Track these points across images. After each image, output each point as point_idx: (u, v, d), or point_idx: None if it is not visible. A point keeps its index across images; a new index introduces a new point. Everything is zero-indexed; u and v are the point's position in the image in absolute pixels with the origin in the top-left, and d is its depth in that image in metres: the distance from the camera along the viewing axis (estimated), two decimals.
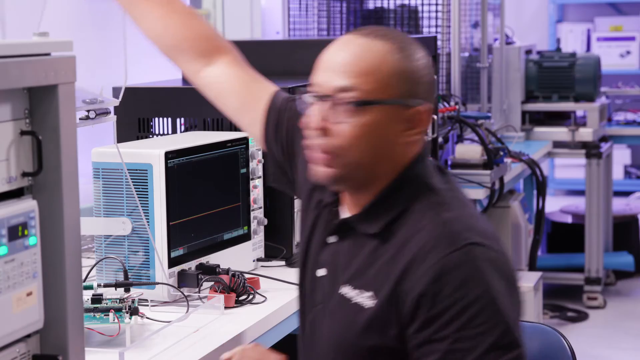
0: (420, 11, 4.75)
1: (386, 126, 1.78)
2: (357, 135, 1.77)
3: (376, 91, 1.77)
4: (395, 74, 1.78)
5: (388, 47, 1.78)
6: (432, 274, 1.69)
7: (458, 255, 1.70)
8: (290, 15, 4.77)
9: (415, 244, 1.73)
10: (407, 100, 1.78)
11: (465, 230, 1.73)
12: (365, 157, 1.78)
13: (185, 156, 2.38)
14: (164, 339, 2.10)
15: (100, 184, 2.34)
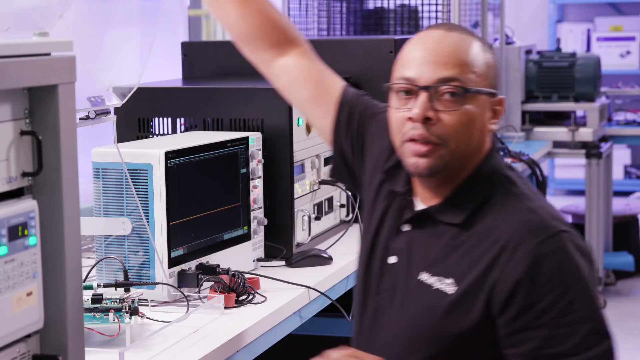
0: (420, 11, 4.75)
1: (481, 115, 1.88)
2: (459, 123, 1.85)
3: (475, 81, 1.86)
4: (489, 65, 1.89)
5: (477, 42, 1.90)
6: (528, 262, 1.75)
7: (552, 242, 1.76)
8: (290, 15, 4.77)
9: (502, 232, 1.80)
10: (494, 90, 1.89)
11: (552, 218, 1.81)
12: (464, 145, 1.86)
13: (185, 156, 2.38)
14: (164, 339, 2.09)
15: (100, 184, 2.34)
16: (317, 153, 2.98)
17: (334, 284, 2.69)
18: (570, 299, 1.74)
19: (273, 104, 2.76)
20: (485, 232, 1.81)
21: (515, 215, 1.81)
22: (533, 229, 1.78)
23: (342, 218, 3.15)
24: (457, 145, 1.85)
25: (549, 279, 1.75)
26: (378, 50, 3.22)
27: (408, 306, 1.87)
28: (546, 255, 1.76)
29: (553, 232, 1.78)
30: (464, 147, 1.86)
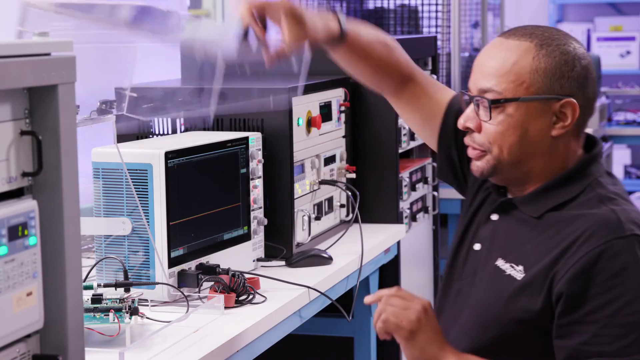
0: (420, 11, 4.75)
1: (528, 122, 1.92)
2: (499, 132, 1.93)
3: (510, 90, 1.92)
4: (531, 71, 1.91)
5: (525, 46, 1.93)
6: (593, 257, 1.80)
7: (621, 243, 1.80)
8: None
9: (577, 227, 1.85)
10: (544, 96, 1.91)
11: (630, 222, 1.83)
12: (512, 152, 1.94)
13: (185, 156, 2.38)
14: (164, 339, 2.09)
15: (100, 184, 2.34)
16: (317, 153, 2.98)
17: (334, 284, 2.69)
18: (627, 301, 1.78)
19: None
20: (562, 226, 1.88)
21: (594, 214, 1.86)
22: (606, 226, 1.83)
23: (342, 218, 3.15)
24: (501, 152, 1.94)
25: (610, 278, 1.79)
26: None
27: (481, 289, 1.96)
28: (612, 254, 1.80)
29: (626, 233, 1.81)
30: (510, 153, 1.94)
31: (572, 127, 1.94)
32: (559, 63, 1.92)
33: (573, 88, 1.92)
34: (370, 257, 2.94)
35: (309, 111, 2.91)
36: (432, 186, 3.71)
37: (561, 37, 1.95)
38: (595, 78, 1.97)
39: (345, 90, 3.16)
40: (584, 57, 1.94)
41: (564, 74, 1.92)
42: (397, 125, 3.26)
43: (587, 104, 1.95)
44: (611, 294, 1.79)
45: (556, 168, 1.96)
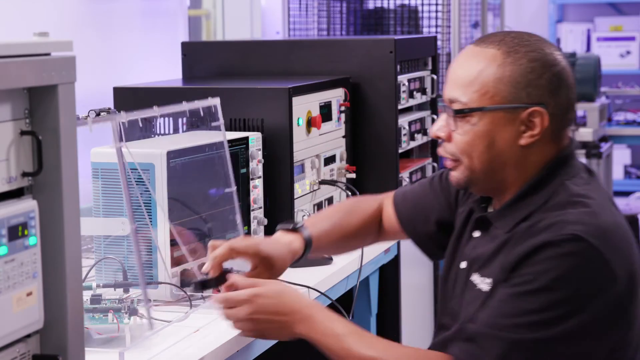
0: (420, 11, 4.75)
1: (494, 132, 1.89)
2: (466, 142, 1.91)
3: (475, 100, 1.89)
4: (495, 80, 1.88)
5: (492, 54, 1.90)
6: (529, 248, 1.79)
7: (556, 239, 1.78)
8: (290, 15, 4.77)
9: (534, 227, 1.83)
10: (509, 105, 1.88)
11: (577, 223, 1.80)
12: (482, 162, 1.91)
13: (186, 156, 2.37)
14: (164, 339, 2.09)
15: (100, 184, 2.33)
16: (317, 153, 2.98)
17: (334, 284, 2.69)
18: (534, 289, 1.77)
19: (273, 104, 2.76)
20: (523, 235, 1.85)
21: (550, 218, 1.83)
22: (551, 227, 1.81)
23: None
24: (472, 162, 1.92)
25: (533, 265, 1.78)
26: (378, 50, 3.22)
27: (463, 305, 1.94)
28: (545, 247, 1.78)
29: (566, 232, 1.79)
30: (481, 163, 1.92)
31: (544, 136, 1.89)
32: (525, 70, 1.87)
33: (542, 96, 1.88)
34: (370, 257, 2.94)
35: (309, 111, 2.91)
36: None
37: (533, 43, 1.91)
38: (571, 84, 1.91)
39: (345, 90, 3.16)
40: (556, 64, 1.89)
41: (530, 81, 1.87)
42: (397, 125, 3.26)
43: (559, 112, 1.90)
44: (525, 278, 1.78)
45: (530, 176, 1.92)
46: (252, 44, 3.43)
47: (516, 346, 1.77)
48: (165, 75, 3.42)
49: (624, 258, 1.82)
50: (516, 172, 1.92)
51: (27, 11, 3.03)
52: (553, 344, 1.77)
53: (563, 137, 1.94)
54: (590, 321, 1.78)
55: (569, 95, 1.91)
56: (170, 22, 3.86)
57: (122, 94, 2.90)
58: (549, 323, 1.76)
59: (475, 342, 1.80)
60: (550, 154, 1.92)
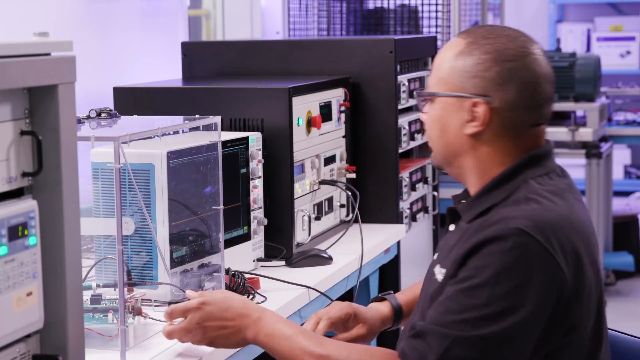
0: (420, 11, 4.75)
1: (445, 118, 1.96)
2: (427, 126, 2.01)
3: (435, 86, 1.98)
4: (450, 68, 1.95)
5: (456, 44, 1.96)
6: (472, 246, 1.81)
7: (499, 233, 1.79)
8: (290, 15, 4.77)
9: (485, 223, 1.85)
10: (455, 93, 1.94)
11: (525, 218, 1.80)
12: (438, 146, 2.00)
13: (186, 156, 2.37)
14: (165, 339, 2.09)
15: (100, 184, 2.33)
16: (317, 153, 2.98)
17: (334, 284, 2.69)
18: (477, 284, 1.78)
19: (273, 104, 2.76)
20: (476, 229, 1.87)
21: (501, 214, 1.84)
22: (499, 221, 1.82)
23: (342, 218, 3.15)
24: (433, 145, 2.01)
25: (477, 260, 1.79)
26: (378, 50, 3.22)
27: (422, 294, 2.00)
28: (488, 241, 1.79)
29: (509, 225, 1.79)
30: (438, 147, 2.00)
31: (493, 129, 1.92)
32: (475, 62, 1.91)
33: (487, 88, 1.90)
34: (370, 257, 2.94)
35: (309, 111, 2.91)
36: (432, 186, 3.71)
37: (501, 38, 1.93)
38: (530, 82, 1.91)
39: (345, 90, 3.16)
40: (516, 60, 1.90)
41: (477, 73, 1.91)
42: (397, 125, 3.26)
43: (507, 107, 1.90)
44: (469, 273, 1.80)
45: (490, 170, 1.94)
46: (252, 44, 3.43)
47: (459, 342, 1.77)
48: (165, 75, 3.42)
49: (571, 257, 1.81)
50: (470, 163, 1.96)
51: (27, 11, 3.03)
52: (496, 340, 1.76)
53: (525, 134, 1.94)
54: (533, 316, 1.78)
55: (522, 92, 1.90)
56: (170, 22, 3.86)
57: (122, 94, 2.90)
58: (492, 318, 1.76)
59: (422, 338, 1.80)
60: (507, 149, 1.93)
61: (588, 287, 1.84)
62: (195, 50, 3.34)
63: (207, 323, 1.99)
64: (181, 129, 2.44)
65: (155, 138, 2.24)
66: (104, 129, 2.20)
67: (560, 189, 1.92)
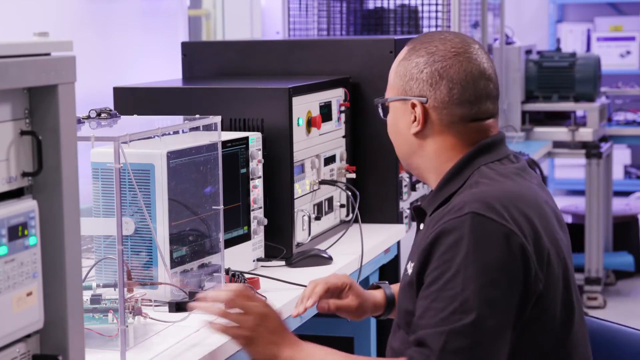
0: (420, 11, 4.74)
1: (396, 120, 2.10)
2: (388, 131, 2.15)
3: (387, 91, 2.12)
4: (394, 74, 2.10)
5: (402, 51, 2.10)
6: (433, 237, 1.90)
7: (455, 221, 1.89)
8: (290, 15, 4.77)
9: (440, 214, 1.95)
10: (397, 97, 2.08)
11: (476, 201, 1.90)
12: (397, 148, 2.13)
13: (187, 156, 2.37)
14: (165, 339, 2.09)
15: (100, 184, 2.33)
16: (317, 153, 2.98)
17: None
18: (451, 275, 1.86)
19: (273, 104, 2.76)
20: (437, 218, 1.96)
21: (453, 202, 1.95)
22: (453, 208, 1.92)
23: (342, 218, 3.15)
24: (395, 150, 2.14)
25: (441, 254, 1.88)
26: (378, 50, 3.22)
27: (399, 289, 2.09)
28: (445, 233, 1.88)
29: (463, 213, 1.88)
30: (397, 151, 2.13)
31: (432, 126, 2.04)
32: (410, 66, 2.06)
33: (423, 89, 2.04)
34: (370, 257, 2.94)
35: (309, 111, 2.91)
36: None
37: (434, 41, 2.05)
38: (459, 80, 2.02)
39: (345, 90, 3.16)
40: (445, 60, 2.02)
41: (413, 76, 2.05)
42: None
43: (441, 105, 2.02)
44: (440, 270, 1.88)
45: (442, 167, 2.04)
46: (252, 44, 3.43)
47: (453, 335, 1.84)
48: (165, 75, 3.42)
49: (526, 226, 1.90)
50: (423, 161, 2.08)
51: (27, 11, 3.03)
52: (482, 319, 1.84)
53: (465, 130, 2.04)
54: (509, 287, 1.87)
55: (452, 90, 2.02)
56: (170, 22, 3.86)
57: (122, 94, 2.90)
58: (472, 301, 1.84)
59: (423, 345, 1.87)
60: (450, 145, 2.04)
61: (547, 257, 1.92)
62: (195, 50, 3.34)
63: (266, 322, 2.02)
64: (181, 129, 2.44)
65: (155, 138, 2.24)
66: (104, 129, 2.20)
67: (511, 172, 2.00)
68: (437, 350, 1.84)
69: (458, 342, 1.84)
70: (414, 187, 3.47)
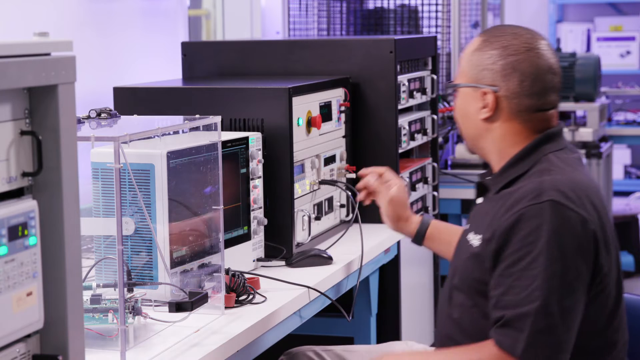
0: (420, 11, 4.75)
1: (466, 106, 2.30)
2: (456, 114, 2.35)
3: (457, 79, 2.33)
4: (467, 63, 2.28)
5: (475, 42, 2.29)
6: (513, 220, 2.09)
7: (535, 208, 2.08)
8: (290, 15, 4.77)
9: (514, 197, 2.13)
10: (471, 84, 2.26)
11: (552, 189, 2.10)
12: (464, 130, 2.33)
13: (187, 156, 2.37)
14: (165, 339, 2.09)
15: (100, 184, 2.33)
16: (317, 153, 2.98)
17: (334, 284, 2.69)
18: (534, 257, 2.06)
19: (273, 104, 2.76)
20: (507, 198, 2.15)
21: (527, 185, 2.14)
22: (529, 193, 2.11)
23: (342, 218, 3.15)
24: (461, 132, 2.35)
25: (523, 237, 2.07)
26: (378, 50, 3.22)
27: (458, 257, 2.29)
28: (527, 217, 2.08)
29: (542, 199, 2.08)
30: (464, 133, 2.34)
31: (502, 113, 2.24)
32: (484, 57, 2.25)
33: (495, 79, 2.24)
34: (370, 257, 2.94)
35: (309, 111, 2.91)
36: (432, 186, 3.71)
37: (508, 35, 2.25)
38: (530, 73, 2.22)
39: (345, 90, 3.16)
40: (518, 54, 2.22)
41: (486, 66, 2.24)
42: (397, 125, 3.26)
43: (512, 95, 2.23)
44: (523, 252, 2.07)
45: (507, 150, 2.25)
46: (252, 44, 3.43)
47: (539, 314, 2.04)
48: (165, 75, 3.42)
49: (594, 213, 2.11)
50: (489, 144, 2.28)
51: (27, 11, 3.03)
52: (565, 297, 2.05)
53: (531, 118, 2.24)
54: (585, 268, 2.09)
55: (523, 82, 2.21)
56: (170, 22, 3.86)
57: (122, 94, 2.90)
58: (554, 280, 2.04)
59: (509, 325, 2.07)
60: (516, 131, 2.24)
61: (608, 240, 2.14)
62: (195, 50, 3.34)
63: None
64: (181, 129, 2.44)
65: (155, 138, 2.24)
66: (104, 129, 2.20)
67: (573, 162, 2.22)
68: (525, 331, 2.04)
69: (544, 322, 2.04)
70: (414, 187, 3.47)
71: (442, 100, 4.40)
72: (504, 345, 2.07)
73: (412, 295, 3.58)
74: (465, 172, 4.32)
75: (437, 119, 3.70)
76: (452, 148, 4.50)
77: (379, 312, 3.22)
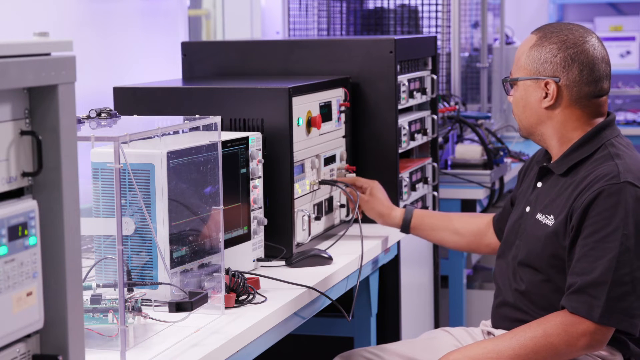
0: (420, 11, 4.74)
1: (526, 96, 2.60)
2: (514, 105, 2.64)
3: (516, 73, 2.62)
4: (527, 58, 2.58)
5: (531, 38, 2.60)
6: (593, 197, 2.41)
7: (613, 187, 2.41)
8: (290, 15, 4.77)
9: (590, 177, 2.46)
10: (532, 77, 2.56)
11: (627, 172, 2.45)
12: (523, 120, 2.63)
13: (187, 156, 2.37)
14: (165, 339, 2.09)
15: (100, 184, 2.33)
16: (317, 153, 2.98)
17: (334, 284, 2.69)
18: (610, 231, 2.38)
19: (273, 104, 2.76)
20: (581, 179, 2.48)
21: (602, 167, 2.46)
22: (607, 174, 2.44)
23: (342, 218, 3.15)
24: (519, 120, 2.64)
25: (601, 212, 2.40)
26: (378, 50, 3.22)
27: (527, 237, 2.58)
28: (606, 195, 2.40)
29: (620, 180, 2.41)
30: (522, 120, 2.63)
31: (562, 101, 2.55)
32: (544, 51, 2.55)
33: (556, 70, 2.55)
34: (370, 257, 2.94)
35: (309, 111, 2.91)
36: (432, 186, 3.71)
37: (563, 31, 2.56)
38: (587, 63, 2.53)
39: (345, 90, 3.16)
40: (576, 46, 2.53)
41: (547, 59, 2.55)
42: (397, 125, 3.26)
43: (572, 84, 2.54)
44: (600, 224, 2.40)
45: (568, 134, 2.57)
46: (252, 44, 3.43)
47: (614, 284, 2.36)
48: (165, 75, 3.42)
49: None
50: (550, 130, 2.59)
51: (27, 11, 3.03)
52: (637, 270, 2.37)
53: (589, 104, 2.56)
54: None
55: (582, 71, 2.53)
56: (170, 22, 3.86)
57: (122, 94, 2.90)
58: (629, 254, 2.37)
59: (583, 292, 2.38)
60: (576, 117, 2.56)
61: None
62: (195, 50, 3.34)
63: None
64: (181, 129, 2.44)
65: (155, 138, 2.24)
66: (104, 129, 2.20)
67: (632, 147, 2.57)
68: (601, 298, 2.36)
69: (618, 290, 2.36)
70: (414, 187, 3.47)
71: (441, 100, 4.40)
72: (580, 311, 2.37)
73: (412, 295, 3.58)
74: (465, 172, 4.32)
75: (437, 119, 3.70)
76: (452, 148, 4.50)
77: (379, 312, 3.22)
